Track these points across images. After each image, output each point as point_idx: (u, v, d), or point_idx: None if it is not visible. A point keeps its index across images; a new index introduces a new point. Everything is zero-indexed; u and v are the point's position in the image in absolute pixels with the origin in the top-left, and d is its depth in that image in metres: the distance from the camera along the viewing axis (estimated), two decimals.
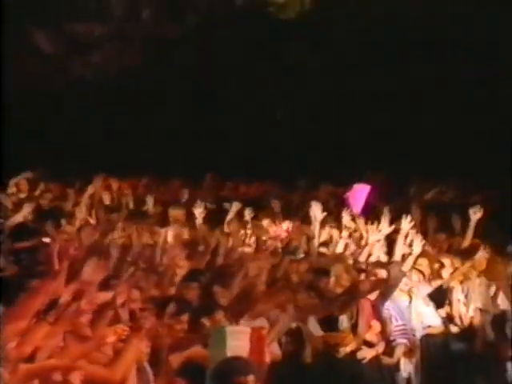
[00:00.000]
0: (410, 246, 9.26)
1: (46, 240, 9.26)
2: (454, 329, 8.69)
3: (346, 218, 10.22)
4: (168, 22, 17.70)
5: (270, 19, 16.95)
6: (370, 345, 8.11)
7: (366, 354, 8.03)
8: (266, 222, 11.02)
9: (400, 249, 9.36)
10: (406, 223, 9.47)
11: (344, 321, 8.19)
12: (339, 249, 9.77)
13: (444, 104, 15.30)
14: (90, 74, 17.40)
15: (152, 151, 15.62)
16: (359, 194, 11.07)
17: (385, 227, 9.66)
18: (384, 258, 9.56)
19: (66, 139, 15.88)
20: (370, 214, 10.45)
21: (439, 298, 8.97)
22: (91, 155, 15.14)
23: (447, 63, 15.44)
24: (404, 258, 9.13)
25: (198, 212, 10.37)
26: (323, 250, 9.77)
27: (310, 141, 15.61)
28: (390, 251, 9.61)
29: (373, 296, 8.54)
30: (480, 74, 15.16)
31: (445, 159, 14.12)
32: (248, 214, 10.85)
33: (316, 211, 9.93)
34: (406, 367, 8.40)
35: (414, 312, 8.71)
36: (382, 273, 8.88)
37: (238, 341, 6.30)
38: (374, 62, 15.70)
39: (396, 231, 9.57)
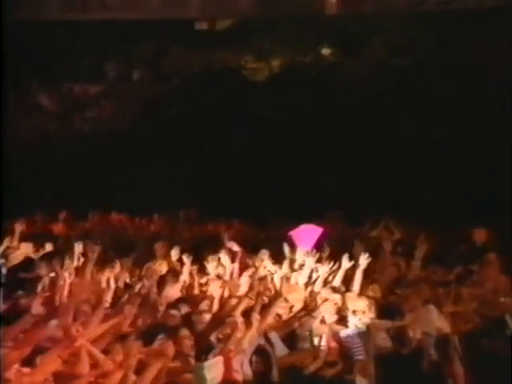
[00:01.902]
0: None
1: (52, 275, 9.16)
2: (403, 350, 8.61)
3: (299, 254, 10.24)
4: (155, 82, 17.75)
5: (244, 81, 17.10)
6: (330, 364, 8.04)
7: (328, 372, 7.95)
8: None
9: (358, 283, 9.36)
10: (364, 259, 9.51)
11: (307, 342, 8.17)
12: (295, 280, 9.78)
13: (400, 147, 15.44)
14: (87, 127, 17.38)
15: (141, 192, 15.53)
16: (309, 234, 10.82)
17: (344, 263, 9.67)
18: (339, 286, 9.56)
19: (65, 184, 15.80)
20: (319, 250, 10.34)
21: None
22: (87, 197, 15.07)
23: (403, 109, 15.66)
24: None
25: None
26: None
27: (279, 184, 15.61)
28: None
29: (331, 319, 8.53)
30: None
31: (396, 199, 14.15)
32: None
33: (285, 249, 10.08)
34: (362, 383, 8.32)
35: (369, 336, 8.64)
36: (335, 296, 8.89)
37: (214, 372, 6.31)
38: (332, 115, 15.85)
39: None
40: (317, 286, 9.45)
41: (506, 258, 10.07)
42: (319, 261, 10.01)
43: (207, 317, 8.15)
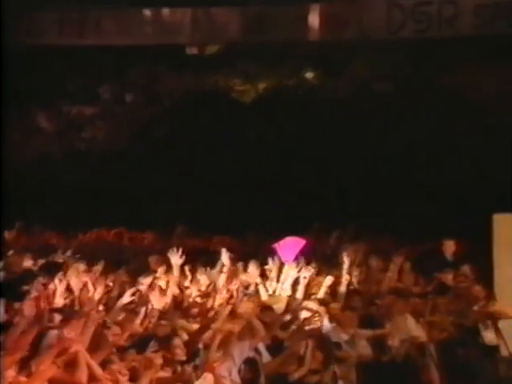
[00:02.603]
0: None
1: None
2: (383, 358, 8.65)
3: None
4: (147, 103, 17.80)
5: (232, 102, 17.19)
6: (314, 372, 8.05)
7: (312, 379, 7.97)
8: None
9: (342, 296, 9.41)
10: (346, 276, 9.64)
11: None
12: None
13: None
14: (83, 146, 17.40)
15: (133, 207, 15.54)
16: (292, 246, 10.86)
17: (327, 279, 9.75)
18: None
19: (63, 200, 15.80)
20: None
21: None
22: (84, 212, 15.09)
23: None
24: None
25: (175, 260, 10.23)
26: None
27: (266, 200, 15.66)
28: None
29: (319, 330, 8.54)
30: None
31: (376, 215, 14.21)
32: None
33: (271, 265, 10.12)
34: None
35: (350, 344, 8.67)
36: (319, 309, 8.93)
37: None
38: (315, 134, 15.96)
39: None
40: (299, 295, 9.49)
41: (479, 269, 10.17)
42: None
43: (195, 326, 8.15)
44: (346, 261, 10.08)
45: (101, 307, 8.51)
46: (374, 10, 15.36)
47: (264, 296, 9.52)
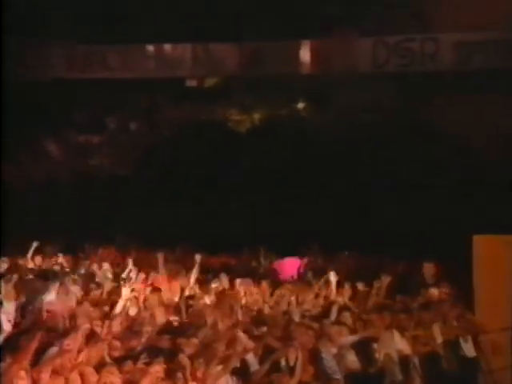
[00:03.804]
0: None
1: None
2: (369, 370, 8.62)
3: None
4: (149, 132, 17.90)
5: (228, 131, 17.30)
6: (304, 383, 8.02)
7: None
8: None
9: (334, 313, 9.41)
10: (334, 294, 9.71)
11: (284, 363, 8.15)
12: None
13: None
14: (90, 172, 17.44)
15: (136, 228, 15.52)
16: (290, 265, 11.08)
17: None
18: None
19: (70, 221, 15.81)
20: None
21: (359, 345, 8.91)
22: (92, 232, 15.09)
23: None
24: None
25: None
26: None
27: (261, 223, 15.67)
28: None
29: (310, 344, 8.51)
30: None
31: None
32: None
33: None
34: None
35: (339, 357, 8.63)
36: (314, 325, 8.91)
37: None
38: (303, 163, 16.03)
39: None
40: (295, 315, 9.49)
41: (460, 287, 10.20)
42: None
43: (195, 341, 8.11)
44: (334, 280, 10.14)
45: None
46: (361, 46, 15.51)
47: (265, 311, 9.56)
